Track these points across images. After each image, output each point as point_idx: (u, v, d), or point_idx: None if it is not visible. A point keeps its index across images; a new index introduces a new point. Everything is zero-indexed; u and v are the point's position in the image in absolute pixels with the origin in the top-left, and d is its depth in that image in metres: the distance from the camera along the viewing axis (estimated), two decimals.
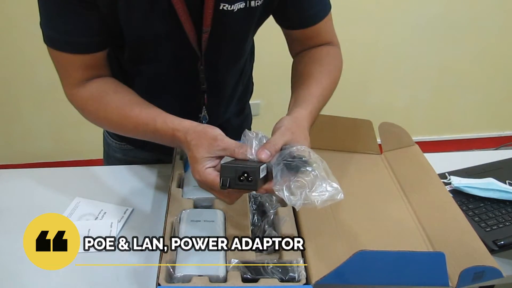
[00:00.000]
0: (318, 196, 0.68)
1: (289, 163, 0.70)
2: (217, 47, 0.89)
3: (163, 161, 1.11)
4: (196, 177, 0.73)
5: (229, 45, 0.92)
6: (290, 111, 0.85)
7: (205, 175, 0.71)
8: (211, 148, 0.72)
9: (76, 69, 0.83)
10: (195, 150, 0.73)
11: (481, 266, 0.74)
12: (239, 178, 0.67)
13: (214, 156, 0.72)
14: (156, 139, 0.82)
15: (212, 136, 0.73)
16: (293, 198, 0.67)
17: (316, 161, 0.72)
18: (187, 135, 0.75)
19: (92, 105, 0.85)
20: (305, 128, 0.79)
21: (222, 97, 1.03)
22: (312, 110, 0.84)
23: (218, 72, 0.96)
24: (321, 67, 0.92)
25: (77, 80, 0.84)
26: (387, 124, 1.08)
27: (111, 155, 1.16)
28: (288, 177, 0.69)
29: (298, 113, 0.82)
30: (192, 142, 0.74)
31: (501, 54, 2.51)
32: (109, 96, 0.85)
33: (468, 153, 1.28)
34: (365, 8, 2.24)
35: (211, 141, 0.72)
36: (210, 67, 0.92)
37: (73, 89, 0.85)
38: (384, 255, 0.71)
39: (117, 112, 0.84)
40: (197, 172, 0.72)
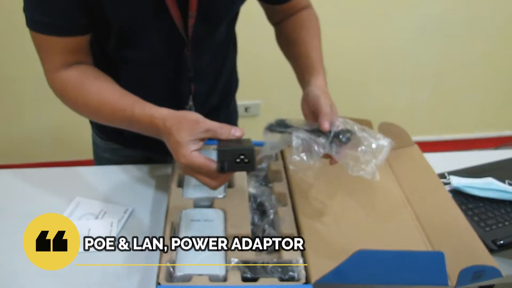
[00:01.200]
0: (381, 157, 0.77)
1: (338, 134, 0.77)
2: (203, 32, 0.90)
3: (153, 160, 1.11)
4: (181, 161, 0.72)
5: (215, 30, 0.93)
6: (308, 82, 0.92)
7: (192, 159, 0.71)
8: (194, 131, 0.72)
9: (57, 53, 0.83)
10: (177, 134, 0.72)
11: (481, 266, 0.74)
12: (235, 161, 0.68)
13: (197, 138, 0.72)
14: (133, 126, 0.82)
15: (192, 119, 0.73)
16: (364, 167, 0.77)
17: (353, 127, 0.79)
18: (166, 121, 0.74)
19: (71, 90, 0.84)
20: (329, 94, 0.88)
21: (207, 85, 1.03)
22: (324, 75, 0.95)
23: (204, 58, 0.96)
24: (309, 31, 1.01)
25: (58, 64, 0.84)
26: (387, 124, 1.08)
27: (100, 156, 1.16)
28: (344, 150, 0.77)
29: (318, 81, 0.91)
30: (172, 127, 0.73)
31: (501, 54, 2.51)
32: (89, 81, 0.84)
33: (467, 153, 1.28)
34: (365, 8, 2.24)
35: (193, 124, 0.72)
36: (197, 53, 0.92)
37: (54, 74, 0.84)
38: (384, 254, 0.71)
39: (96, 98, 0.83)
40: (182, 156, 0.71)
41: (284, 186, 0.93)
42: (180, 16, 0.85)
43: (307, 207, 0.88)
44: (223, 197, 0.88)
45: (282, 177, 0.95)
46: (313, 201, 0.90)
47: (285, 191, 0.91)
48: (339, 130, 0.77)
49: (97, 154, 1.18)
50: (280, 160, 1.00)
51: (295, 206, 0.88)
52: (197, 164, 0.71)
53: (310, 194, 0.92)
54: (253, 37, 1.73)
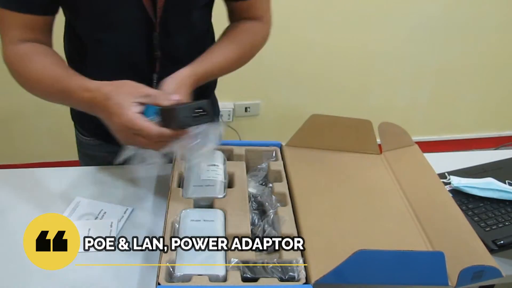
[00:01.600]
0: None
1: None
2: (172, 13, 0.91)
3: None
4: (123, 123, 0.71)
5: (185, 14, 0.94)
6: (183, 69, 0.88)
7: (135, 121, 0.70)
8: (134, 94, 0.73)
9: (15, 28, 0.85)
10: (117, 96, 0.72)
11: (481, 266, 0.74)
12: (193, 115, 0.70)
13: (138, 102, 0.72)
14: (67, 98, 0.83)
15: (132, 84, 0.75)
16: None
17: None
18: (101, 88, 0.75)
19: (19, 62, 0.87)
20: (188, 83, 0.85)
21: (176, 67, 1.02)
22: (202, 73, 0.89)
23: (174, 41, 0.97)
24: (234, 40, 0.98)
25: (15, 39, 0.86)
26: (387, 124, 1.08)
27: (84, 153, 1.17)
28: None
29: (186, 71, 0.86)
30: (111, 92, 0.73)
31: (501, 54, 2.51)
32: (37, 56, 0.86)
33: (467, 153, 1.28)
34: (365, 8, 2.25)
35: (132, 88, 0.74)
36: (166, 35, 0.94)
37: (9, 46, 0.87)
38: (384, 254, 0.71)
39: (39, 71, 0.85)
40: (125, 118, 0.70)
41: (284, 186, 0.93)
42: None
43: (307, 207, 0.88)
44: (223, 197, 0.88)
45: (282, 177, 0.95)
46: (313, 201, 0.90)
47: (285, 191, 0.91)
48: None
49: (81, 152, 1.19)
50: (280, 160, 1.00)
51: (295, 206, 0.88)
52: (144, 126, 0.70)
53: (310, 194, 0.92)
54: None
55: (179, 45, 0.99)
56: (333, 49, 2.32)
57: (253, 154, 1.02)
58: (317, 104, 2.45)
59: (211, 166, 0.93)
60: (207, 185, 0.89)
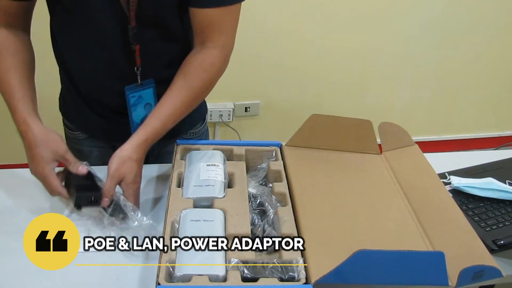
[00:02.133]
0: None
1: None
2: (145, 9, 0.92)
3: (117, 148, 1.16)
4: (39, 170, 0.86)
5: (158, 10, 0.94)
6: (133, 135, 0.92)
7: (49, 177, 0.86)
8: (56, 153, 0.87)
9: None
10: (42, 149, 0.86)
11: (481, 266, 0.74)
12: (89, 202, 0.86)
13: (55, 160, 0.87)
14: (11, 113, 0.90)
15: (58, 143, 0.89)
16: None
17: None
18: (34, 131, 0.87)
19: None
20: (133, 161, 0.89)
21: (155, 64, 1.03)
22: (152, 134, 0.92)
23: (149, 36, 0.97)
24: (184, 81, 0.96)
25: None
26: (387, 124, 1.08)
27: (71, 147, 1.17)
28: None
29: (131, 144, 0.90)
30: (40, 142, 0.86)
31: (501, 54, 2.51)
32: (4, 54, 0.90)
33: (468, 153, 1.28)
34: (365, 8, 2.24)
35: (57, 147, 0.88)
36: (141, 29, 0.94)
37: None
38: (384, 254, 0.71)
39: (2, 72, 0.90)
40: (41, 170, 0.85)
41: (284, 186, 0.93)
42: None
43: (307, 207, 0.88)
44: (223, 197, 0.88)
45: (282, 177, 0.95)
46: (313, 201, 0.90)
47: (285, 191, 0.91)
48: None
49: (68, 146, 1.19)
50: (280, 160, 1.00)
51: (295, 206, 0.88)
52: (49, 181, 0.86)
53: (310, 194, 0.92)
54: (253, 38, 1.73)
55: (155, 39, 0.99)
56: (333, 49, 2.32)
57: (253, 154, 1.02)
58: (317, 104, 2.45)
59: (211, 166, 0.93)
60: (207, 185, 0.89)
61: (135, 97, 1.01)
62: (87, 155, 1.15)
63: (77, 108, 1.11)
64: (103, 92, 1.06)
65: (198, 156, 0.97)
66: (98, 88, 1.06)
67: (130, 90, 1.01)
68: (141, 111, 1.03)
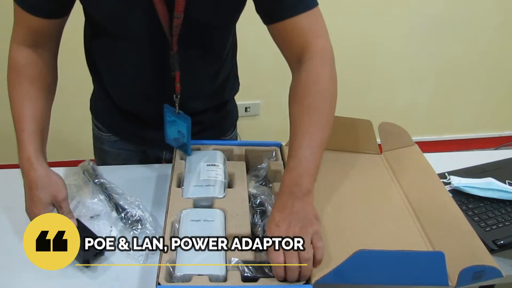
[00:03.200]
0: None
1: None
2: (190, 34, 0.88)
3: (147, 154, 1.16)
4: (35, 211, 0.84)
5: (203, 34, 0.91)
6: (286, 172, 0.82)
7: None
8: (54, 198, 0.85)
9: (23, 26, 0.87)
10: (43, 192, 0.84)
11: (481, 266, 0.74)
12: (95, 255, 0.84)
13: (52, 204, 0.85)
14: (17, 143, 0.90)
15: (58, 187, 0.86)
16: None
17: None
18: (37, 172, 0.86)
19: (11, 74, 0.90)
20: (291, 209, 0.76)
21: (195, 87, 1.01)
22: (309, 180, 0.78)
23: (191, 60, 0.94)
24: (301, 107, 0.83)
25: (20, 37, 0.88)
26: (387, 124, 1.08)
27: (98, 147, 1.19)
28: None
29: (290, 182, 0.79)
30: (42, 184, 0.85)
31: (501, 54, 2.51)
32: (24, 80, 0.89)
33: (468, 153, 1.28)
34: (365, 8, 2.24)
35: (56, 191, 0.86)
36: (183, 54, 0.91)
37: (14, 43, 0.89)
38: (384, 254, 0.71)
39: (17, 100, 0.89)
40: (38, 210, 0.83)
41: None
42: (167, 16, 0.84)
43: None
44: (223, 197, 0.88)
45: None
46: None
47: None
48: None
49: (96, 146, 1.20)
50: (280, 160, 1.00)
51: None
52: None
53: None
54: (253, 37, 1.72)
55: (198, 63, 0.97)
56: (333, 49, 2.32)
57: (253, 154, 1.02)
58: None
59: (211, 166, 0.93)
60: (207, 185, 0.89)
61: (171, 118, 0.98)
62: (114, 157, 1.15)
63: (110, 112, 1.09)
64: (138, 108, 1.05)
65: (198, 156, 0.97)
66: (133, 104, 1.05)
67: (168, 109, 0.97)
68: (174, 131, 0.99)
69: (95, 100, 1.14)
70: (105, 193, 0.96)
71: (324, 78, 0.85)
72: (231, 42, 1.03)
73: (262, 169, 0.98)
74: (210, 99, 1.07)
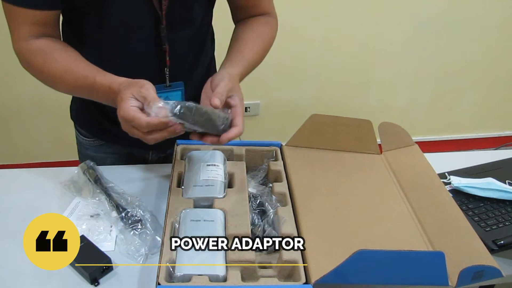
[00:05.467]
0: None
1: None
2: (177, 8, 0.93)
3: (134, 155, 1.16)
4: (120, 113, 0.77)
5: (187, 7, 0.95)
6: (223, 68, 0.93)
7: (128, 111, 0.76)
8: (135, 91, 0.78)
9: (26, 24, 0.87)
10: (123, 91, 0.79)
11: (481, 266, 0.74)
12: (102, 272, 0.80)
13: (137, 98, 0.78)
14: (93, 93, 0.87)
15: (141, 83, 0.79)
16: None
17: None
18: (121, 85, 0.81)
19: (38, 58, 0.88)
20: (237, 81, 0.90)
21: (182, 62, 1.03)
22: (242, 72, 0.94)
23: (177, 33, 0.97)
24: (256, 34, 1.02)
25: (26, 35, 0.88)
26: (387, 124, 1.08)
27: (84, 153, 1.18)
28: None
29: (232, 72, 0.91)
30: (122, 86, 0.80)
31: (501, 54, 2.51)
32: (55, 51, 0.89)
33: (468, 153, 1.28)
34: (365, 8, 2.25)
35: (138, 87, 0.78)
36: (172, 29, 0.95)
37: (21, 42, 0.88)
38: (384, 254, 0.71)
39: (61, 66, 0.88)
40: (121, 109, 0.77)
41: (284, 186, 0.93)
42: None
43: (307, 207, 0.88)
44: (223, 197, 0.88)
45: (282, 177, 0.95)
46: (313, 201, 0.90)
47: (285, 191, 0.91)
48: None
49: (81, 153, 1.20)
50: (280, 160, 1.00)
51: (295, 206, 0.88)
52: (131, 116, 0.76)
53: (310, 194, 0.92)
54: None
55: (183, 39, 0.99)
56: (333, 49, 2.32)
57: (253, 154, 1.02)
58: (317, 104, 2.45)
59: (211, 166, 0.93)
60: (207, 185, 0.89)
61: (164, 96, 1.00)
62: (100, 162, 1.14)
63: (92, 117, 1.09)
64: None
65: (198, 156, 0.97)
66: None
67: (159, 89, 0.97)
68: None
69: (76, 107, 1.14)
70: (105, 193, 0.96)
71: (275, 30, 1.07)
72: (210, 24, 1.09)
73: (262, 169, 0.98)
74: (198, 76, 1.08)
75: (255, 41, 1.01)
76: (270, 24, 1.06)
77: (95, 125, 1.12)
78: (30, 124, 2.30)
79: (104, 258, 0.82)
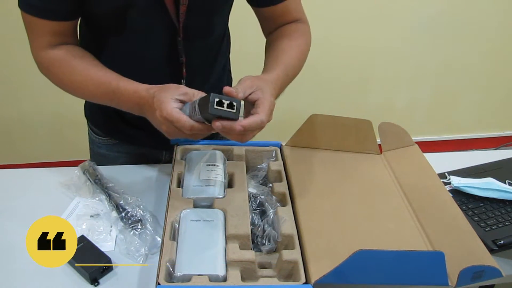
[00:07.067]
0: None
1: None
2: (195, 20, 0.92)
3: (146, 156, 1.15)
4: (163, 115, 0.77)
5: (206, 20, 0.96)
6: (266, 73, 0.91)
7: (172, 112, 0.77)
8: (175, 92, 0.80)
9: (46, 35, 0.88)
10: (159, 94, 0.79)
11: (481, 266, 0.74)
12: (102, 272, 0.81)
13: (177, 99, 0.79)
14: (115, 99, 0.87)
15: (174, 85, 0.81)
16: None
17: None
18: (150, 89, 0.82)
19: (59, 67, 0.90)
20: (271, 82, 0.86)
21: (197, 75, 1.03)
22: (279, 74, 0.90)
23: (196, 47, 0.98)
24: (290, 41, 0.98)
25: (45, 44, 0.89)
26: (387, 124, 1.08)
27: (96, 152, 1.19)
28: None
29: (263, 76, 0.88)
30: (156, 92, 0.80)
31: (501, 54, 2.52)
32: (75, 59, 0.90)
33: (468, 153, 1.28)
34: (365, 7, 2.25)
35: (174, 88, 0.80)
36: (188, 40, 0.95)
37: (41, 51, 0.89)
38: (384, 254, 0.71)
39: (82, 74, 0.89)
40: (164, 111, 0.77)
41: (284, 186, 0.93)
42: (173, 3, 0.88)
43: (307, 207, 0.88)
44: (223, 197, 0.88)
45: (282, 177, 0.95)
46: (313, 201, 0.90)
47: (285, 191, 0.91)
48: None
49: (93, 150, 1.20)
50: (280, 160, 1.00)
51: (295, 206, 0.88)
52: (176, 117, 0.77)
53: (310, 194, 0.92)
54: (253, 37, 1.72)
55: (200, 48, 0.99)
56: (333, 49, 2.32)
57: (253, 154, 1.02)
58: (317, 104, 2.45)
59: (211, 166, 0.93)
60: (207, 185, 0.89)
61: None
62: (112, 161, 1.15)
63: (108, 117, 1.10)
64: None
65: (198, 156, 0.97)
66: None
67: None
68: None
69: (90, 105, 1.14)
70: (105, 193, 0.96)
71: (309, 36, 1.03)
72: (227, 29, 1.08)
73: (262, 169, 0.98)
74: (211, 87, 1.08)
75: (289, 47, 0.97)
76: (302, 30, 1.02)
77: (109, 124, 1.12)
78: (31, 124, 2.30)
79: (104, 258, 0.82)
